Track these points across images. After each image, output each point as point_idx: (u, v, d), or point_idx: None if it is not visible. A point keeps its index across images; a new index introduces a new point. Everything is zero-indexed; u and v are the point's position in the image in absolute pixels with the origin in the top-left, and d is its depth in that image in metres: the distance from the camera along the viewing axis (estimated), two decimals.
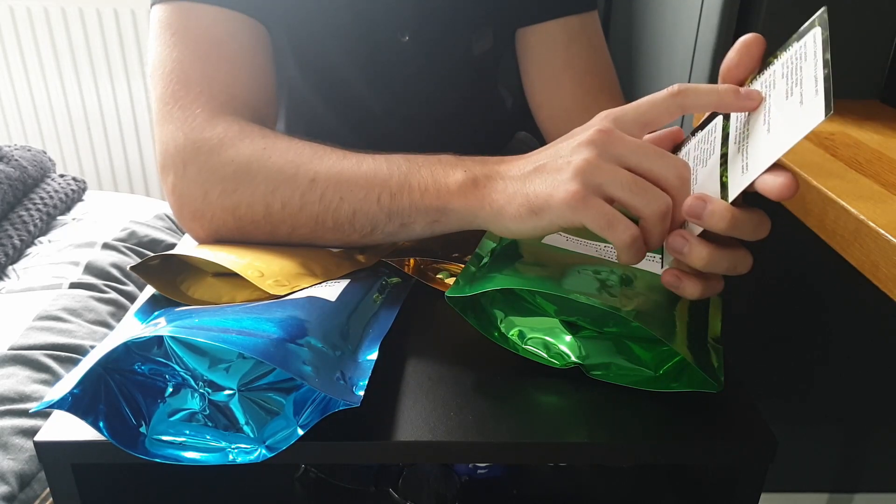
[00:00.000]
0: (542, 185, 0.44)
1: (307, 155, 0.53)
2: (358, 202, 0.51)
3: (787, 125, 0.39)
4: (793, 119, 0.38)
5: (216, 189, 0.54)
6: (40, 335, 0.85)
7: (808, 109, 0.38)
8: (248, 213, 0.54)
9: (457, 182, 0.49)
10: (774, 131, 0.39)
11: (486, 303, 0.50)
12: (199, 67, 0.59)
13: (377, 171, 0.51)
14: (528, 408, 0.44)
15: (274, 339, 0.40)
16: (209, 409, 0.41)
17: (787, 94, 0.40)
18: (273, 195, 0.53)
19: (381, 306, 0.51)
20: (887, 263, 0.46)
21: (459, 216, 0.49)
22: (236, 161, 0.54)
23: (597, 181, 0.42)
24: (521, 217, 0.45)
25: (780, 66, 0.42)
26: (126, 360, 0.41)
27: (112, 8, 1.59)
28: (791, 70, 0.41)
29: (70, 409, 0.38)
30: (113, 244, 1.09)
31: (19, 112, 1.73)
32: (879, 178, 0.55)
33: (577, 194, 0.42)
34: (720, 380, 0.44)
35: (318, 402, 0.40)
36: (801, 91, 0.39)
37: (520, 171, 0.47)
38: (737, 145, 0.42)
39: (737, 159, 0.41)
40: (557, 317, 0.49)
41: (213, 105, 0.57)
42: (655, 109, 0.44)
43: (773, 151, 0.39)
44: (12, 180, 1.15)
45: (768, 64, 0.43)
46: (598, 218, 0.42)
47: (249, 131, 0.56)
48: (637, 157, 0.43)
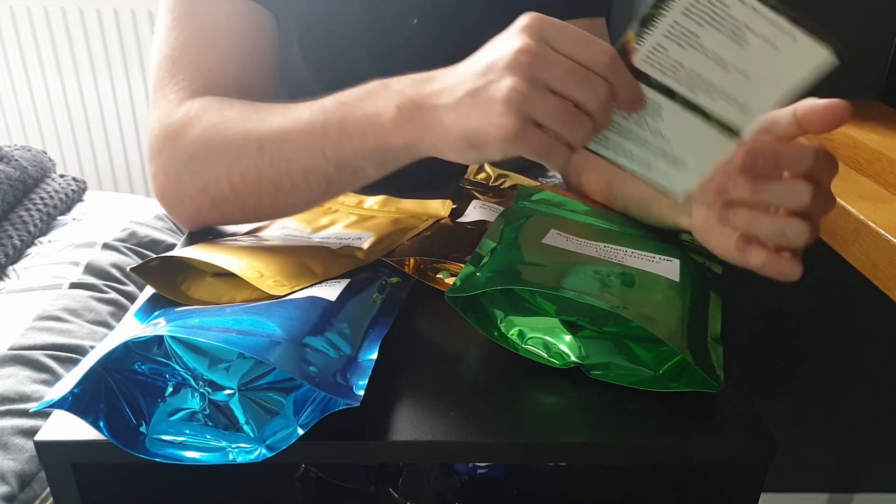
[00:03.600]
0: (477, 117, 0.43)
1: (254, 122, 0.54)
2: (305, 160, 0.52)
3: (774, 67, 0.41)
4: (780, 62, 0.41)
5: (185, 172, 0.56)
6: (40, 335, 0.85)
7: (799, 52, 0.41)
8: (218, 191, 0.55)
9: (391, 118, 0.48)
10: (758, 75, 0.42)
11: (486, 302, 0.50)
12: (188, 54, 0.59)
13: (314, 122, 0.51)
14: (528, 407, 0.44)
15: (274, 339, 0.40)
16: (209, 409, 0.41)
17: (733, 37, 0.42)
18: (232, 169, 0.54)
19: (381, 306, 0.51)
20: (887, 263, 0.46)
21: (403, 151, 0.49)
22: (195, 142, 0.55)
23: (528, 112, 0.42)
24: (462, 150, 0.45)
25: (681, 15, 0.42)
26: (126, 359, 0.41)
27: (112, 8, 1.59)
28: (710, 16, 0.42)
29: (70, 408, 0.38)
30: (113, 244, 1.09)
31: (19, 112, 1.73)
32: (879, 178, 0.55)
33: (512, 128, 0.42)
34: (720, 380, 0.44)
35: (318, 402, 0.40)
36: (760, 35, 0.41)
37: (452, 98, 0.45)
38: (694, 93, 0.44)
39: (717, 103, 0.44)
40: (557, 316, 0.49)
41: (188, 90, 0.58)
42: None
43: (776, 92, 0.42)
44: (12, 180, 1.15)
45: (653, 18, 0.43)
46: (535, 149, 0.43)
47: (209, 108, 0.56)
48: (563, 84, 0.42)
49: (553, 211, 0.62)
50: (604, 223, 0.60)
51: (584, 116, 0.42)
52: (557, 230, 0.56)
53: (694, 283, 0.52)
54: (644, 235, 0.59)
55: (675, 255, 0.54)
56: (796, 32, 0.41)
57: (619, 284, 0.48)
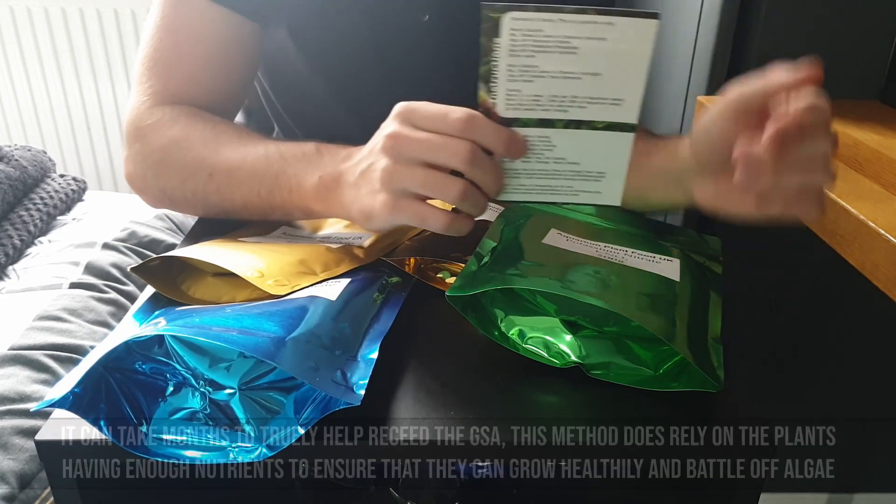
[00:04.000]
0: (365, 195, 0.50)
1: (210, 147, 0.60)
2: (244, 195, 0.58)
3: (615, 56, 0.44)
4: (616, 49, 0.44)
5: (150, 172, 0.63)
6: (40, 335, 0.85)
7: (627, 33, 0.43)
8: (175, 195, 0.63)
9: (312, 186, 0.54)
10: (607, 69, 0.45)
11: (487, 302, 0.50)
12: (167, 58, 0.64)
13: (257, 167, 0.57)
14: (528, 407, 0.44)
15: (274, 339, 0.40)
16: (210, 408, 0.41)
17: (563, 51, 0.44)
18: (185, 185, 0.61)
19: (381, 306, 0.51)
20: (887, 264, 0.46)
21: (322, 214, 0.57)
22: (159, 151, 0.62)
23: (399, 186, 0.47)
24: (363, 221, 0.51)
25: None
26: (127, 359, 0.41)
27: (112, 8, 1.59)
28: (532, 46, 0.44)
29: (71, 407, 0.38)
30: (113, 244, 1.09)
31: (19, 112, 1.73)
32: (879, 178, 0.55)
33: (388, 203, 0.48)
34: (720, 379, 0.44)
35: (318, 402, 0.40)
36: (582, 38, 0.44)
37: (353, 177, 0.51)
38: (566, 112, 0.46)
39: (591, 109, 0.46)
40: (558, 316, 0.49)
41: (163, 94, 0.63)
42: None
43: (633, 74, 0.45)
44: (12, 180, 1.15)
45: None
46: (411, 217, 0.48)
47: (177, 121, 0.62)
48: (425, 154, 0.46)
49: (553, 210, 0.62)
50: (604, 222, 0.60)
51: (452, 177, 0.46)
52: (557, 230, 0.56)
53: (694, 283, 0.52)
54: (644, 235, 0.59)
55: (675, 255, 0.54)
56: (611, 20, 0.43)
57: (619, 284, 0.48)
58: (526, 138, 0.47)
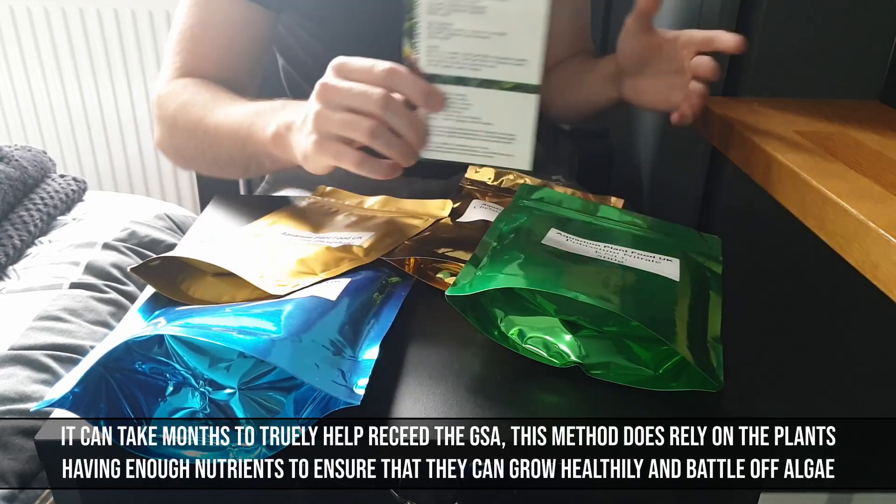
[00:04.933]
0: (304, 137, 0.56)
1: (208, 109, 0.68)
2: (229, 150, 0.67)
3: (517, 18, 0.50)
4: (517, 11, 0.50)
5: (167, 133, 0.73)
6: (40, 335, 0.85)
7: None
8: (185, 153, 0.73)
9: (272, 133, 0.61)
10: (511, 30, 0.51)
11: (487, 302, 0.50)
12: (189, 39, 0.74)
13: (236, 123, 0.65)
14: (528, 407, 0.44)
15: (274, 339, 0.40)
16: (210, 408, 0.41)
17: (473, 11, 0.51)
18: (189, 143, 0.71)
19: (381, 305, 0.51)
20: (887, 263, 0.46)
21: (281, 160, 0.62)
22: (172, 115, 0.71)
23: (324, 129, 0.54)
24: (304, 163, 0.58)
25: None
26: (127, 358, 0.41)
27: (112, 8, 1.59)
28: (448, 5, 0.51)
29: (71, 407, 0.38)
30: (113, 244, 1.09)
31: (19, 112, 1.72)
32: (879, 178, 0.55)
33: (316, 143, 0.54)
34: (720, 379, 0.44)
35: (318, 401, 0.40)
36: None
37: (298, 123, 0.58)
38: (478, 70, 0.52)
39: (500, 69, 0.52)
40: (557, 316, 0.49)
41: (183, 70, 0.73)
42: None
43: (532, 35, 0.51)
44: (12, 180, 1.15)
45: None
46: (332, 156, 0.54)
47: (187, 87, 0.71)
48: (346, 100, 0.52)
49: (553, 210, 0.62)
50: (604, 222, 0.60)
51: (364, 118, 0.52)
52: (557, 229, 0.56)
53: (694, 283, 0.52)
54: (644, 235, 0.59)
55: (675, 255, 0.54)
56: None
57: (619, 284, 0.48)
58: (445, 95, 0.53)
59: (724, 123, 0.70)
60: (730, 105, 0.74)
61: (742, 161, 0.67)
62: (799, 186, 0.56)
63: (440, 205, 0.68)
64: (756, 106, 0.74)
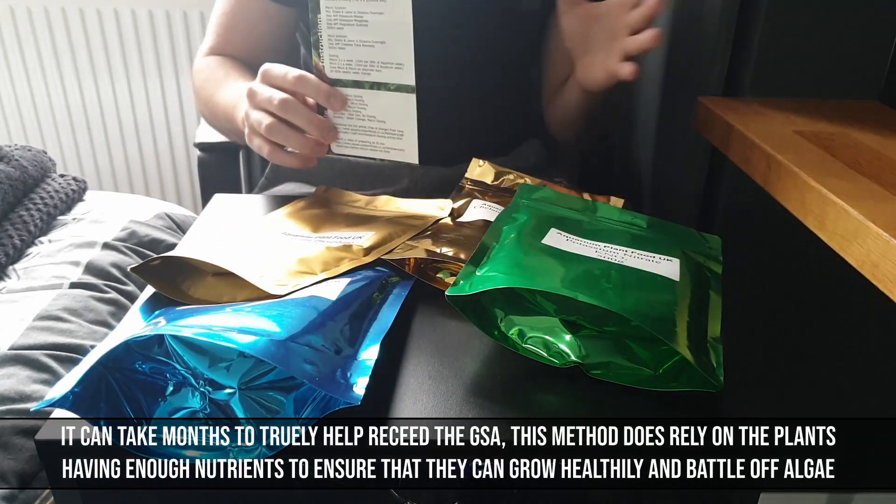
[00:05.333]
0: (243, 129, 0.68)
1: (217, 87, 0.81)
2: (227, 122, 0.78)
3: (390, 27, 0.58)
4: (389, 21, 0.58)
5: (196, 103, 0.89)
6: (40, 335, 0.85)
7: (393, 7, 0.58)
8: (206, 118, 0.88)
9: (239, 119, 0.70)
10: (388, 38, 0.59)
11: (487, 302, 0.50)
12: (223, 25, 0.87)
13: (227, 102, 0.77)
14: (528, 407, 0.44)
15: (274, 338, 0.40)
16: (210, 408, 0.41)
17: (359, 23, 0.59)
18: (205, 113, 0.86)
19: (381, 305, 0.51)
20: (887, 263, 0.46)
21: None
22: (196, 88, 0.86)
23: (249, 124, 0.65)
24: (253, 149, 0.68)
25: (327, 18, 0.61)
26: (127, 358, 0.41)
27: (112, 8, 1.59)
28: (341, 20, 0.60)
29: (71, 407, 0.38)
30: (113, 244, 1.09)
31: (19, 112, 1.72)
32: (879, 178, 0.55)
33: (246, 136, 0.67)
34: (720, 379, 0.44)
35: (318, 401, 0.40)
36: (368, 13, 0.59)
37: (242, 116, 0.68)
38: (369, 74, 0.61)
39: (384, 72, 0.61)
40: (557, 316, 0.49)
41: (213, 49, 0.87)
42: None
43: (404, 41, 0.59)
44: (13, 180, 1.15)
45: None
46: (255, 148, 0.67)
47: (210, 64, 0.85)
48: (259, 103, 0.63)
49: (553, 210, 0.62)
50: (604, 222, 0.60)
51: (265, 115, 0.63)
52: (557, 229, 0.56)
53: (694, 283, 0.52)
54: (644, 235, 0.59)
55: (675, 255, 0.54)
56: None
57: (619, 284, 0.48)
58: (347, 97, 0.62)
59: (724, 123, 0.70)
60: (730, 105, 0.74)
61: (742, 161, 0.67)
62: (799, 186, 0.56)
63: (440, 205, 0.68)
64: (756, 106, 0.74)
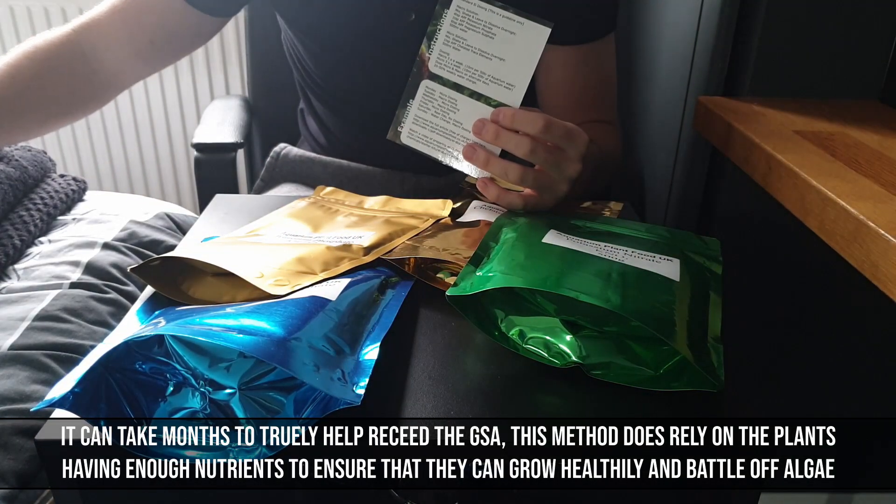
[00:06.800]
0: None
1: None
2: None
3: (517, 49, 0.59)
4: (519, 44, 0.59)
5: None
6: (40, 335, 0.85)
7: (529, 33, 0.58)
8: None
9: None
10: (510, 58, 0.59)
11: (487, 302, 0.50)
12: (126, 7, 0.81)
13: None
14: (528, 407, 0.44)
15: (274, 338, 0.40)
16: (210, 408, 0.41)
17: (486, 34, 0.59)
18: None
19: (381, 305, 0.51)
20: (887, 263, 0.46)
21: None
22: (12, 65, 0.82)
23: None
24: None
25: (449, 23, 0.60)
26: (127, 358, 0.41)
27: None
28: (467, 23, 0.60)
29: (71, 407, 0.38)
30: (113, 244, 1.09)
31: None
32: (879, 178, 0.55)
33: None
34: (720, 379, 0.44)
35: (318, 402, 0.40)
36: (500, 28, 0.59)
37: None
38: (474, 83, 0.60)
39: (491, 87, 0.60)
40: (558, 316, 0.49)
41: (97, 22, 0.83)
42: None
43: (525, 67, 0.59)
44: (13, 180, 1.15)
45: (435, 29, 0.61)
46: None
47: (31, 65, 0.81)
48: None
49: (553, 210, 0.62)
50: (604, 222, 0.60)
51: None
52: (557, 229, 0.56)
53: (694, 283, 0.52)
54: (644, 236, 0.59)
55: (675, 255, 0.54)
56: (521, 20, 0.58)
57: (619, 284, 0.48)
58: (441, 95, 0.61)
59: (724, 123, 0.70)
60: (730, 105, 0.74)
61: (742, 161, 0.67)
62: (799, 186, 0.56)
63: (440, 205, 0.68)
64: (756, 106, 0.74)
